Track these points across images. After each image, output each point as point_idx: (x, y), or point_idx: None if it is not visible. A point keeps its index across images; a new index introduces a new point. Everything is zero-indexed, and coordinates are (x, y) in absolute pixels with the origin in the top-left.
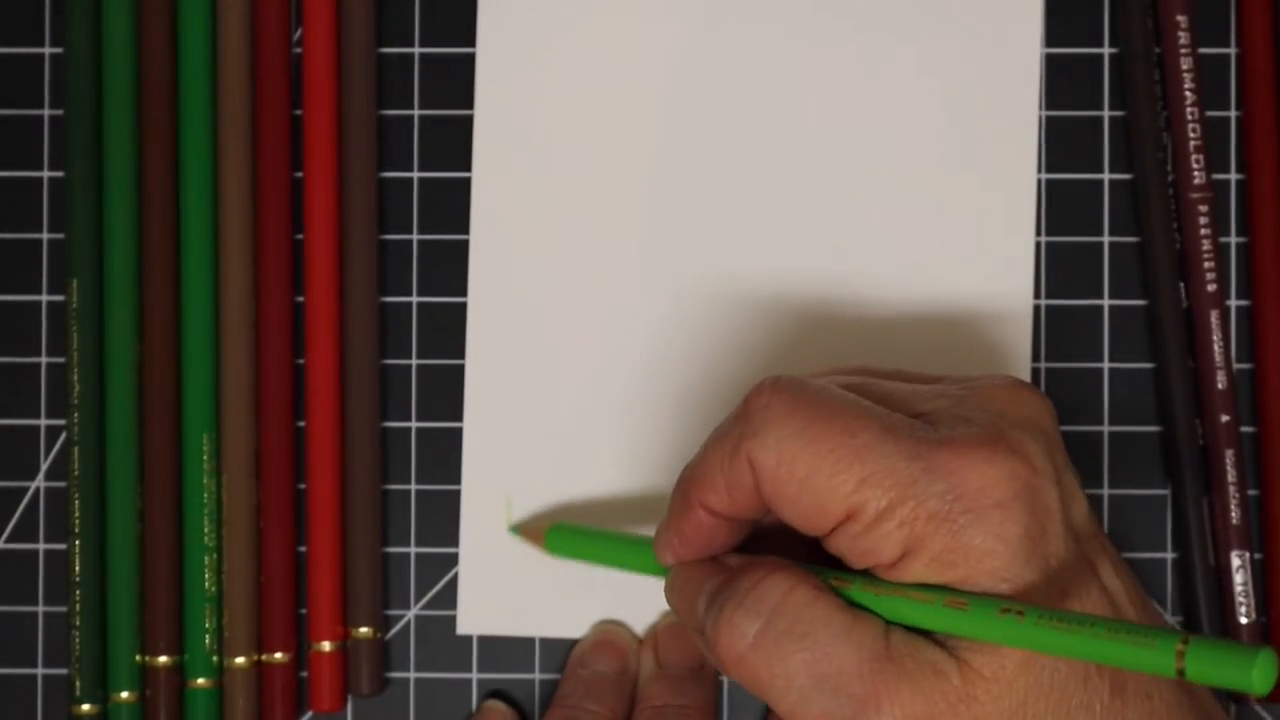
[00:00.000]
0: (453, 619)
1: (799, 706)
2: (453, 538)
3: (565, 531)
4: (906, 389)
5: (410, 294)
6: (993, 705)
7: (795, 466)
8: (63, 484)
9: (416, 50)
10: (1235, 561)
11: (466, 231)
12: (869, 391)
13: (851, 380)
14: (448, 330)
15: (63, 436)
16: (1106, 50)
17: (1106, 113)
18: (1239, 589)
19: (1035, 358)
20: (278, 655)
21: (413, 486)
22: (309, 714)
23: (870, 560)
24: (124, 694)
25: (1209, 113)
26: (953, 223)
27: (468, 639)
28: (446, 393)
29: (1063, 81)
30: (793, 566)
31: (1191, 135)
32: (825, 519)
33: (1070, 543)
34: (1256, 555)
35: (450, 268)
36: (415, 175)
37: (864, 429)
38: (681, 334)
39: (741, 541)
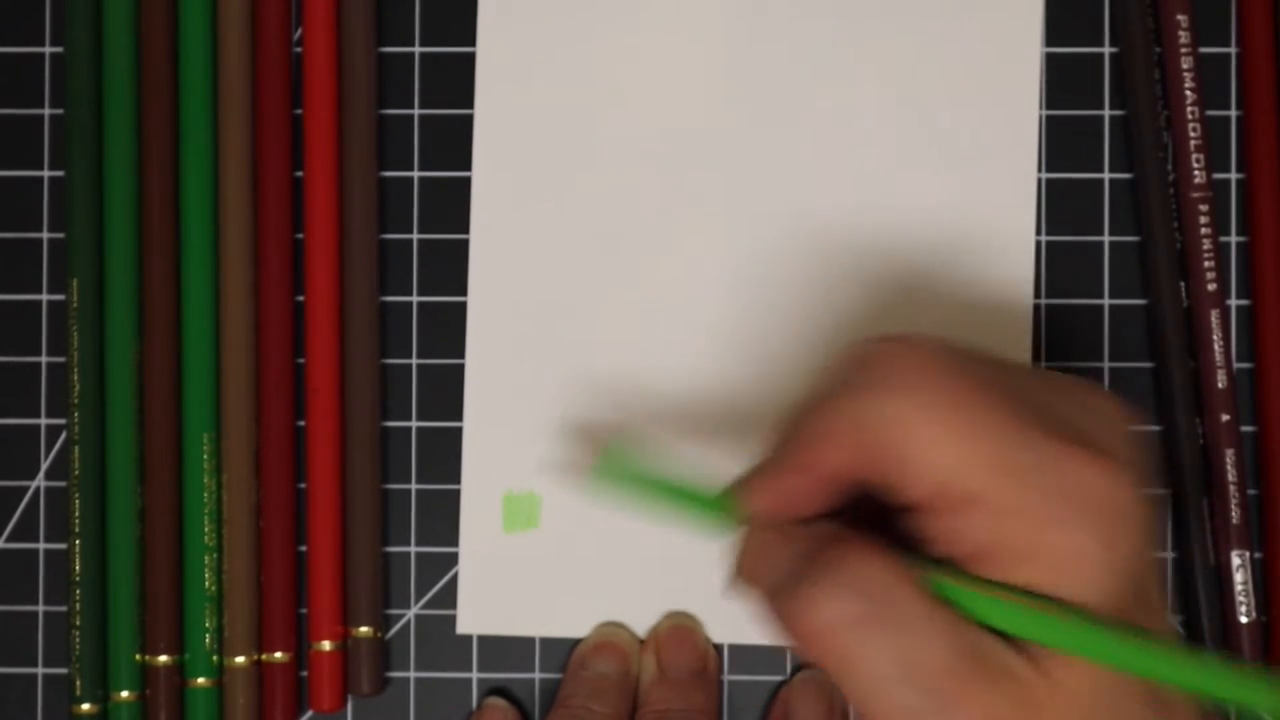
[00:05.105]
0: (453, 619)
1: (874, 696)
2: (453, 537)
3: (618, 460)
4: (1028, 371)
5: (410, 294)
6: (1056, 716)
7: (909, 427)
8: (63, 484)
9: (416, 50)
10: (1235, 561)
11: (466, 231)
12: (997, 366)
13: (972, 350)
14: (448, 330)
15: (63, 436)
16: (1106, 50)
17: (1106, 113)
18: (1239, 589)
19: (1036, 357)
20: (278, 655)
21: (413, 486)
22: (309, 713)
23: (954, 547)
24: (124, 694)
25: (1209, 112)
26: (954, 222)
27: (468, 638)
28: (446, 392)
29: (1063, 81)
30: (887, 550)
31: (1191, 135)
32: (920, 488)
33: (1151, 570)
34: (1256, 555)
35: (450, 267)
36: (415, 175)
37: (991, 405)
38: (681, 333)
39: (827, 510)
